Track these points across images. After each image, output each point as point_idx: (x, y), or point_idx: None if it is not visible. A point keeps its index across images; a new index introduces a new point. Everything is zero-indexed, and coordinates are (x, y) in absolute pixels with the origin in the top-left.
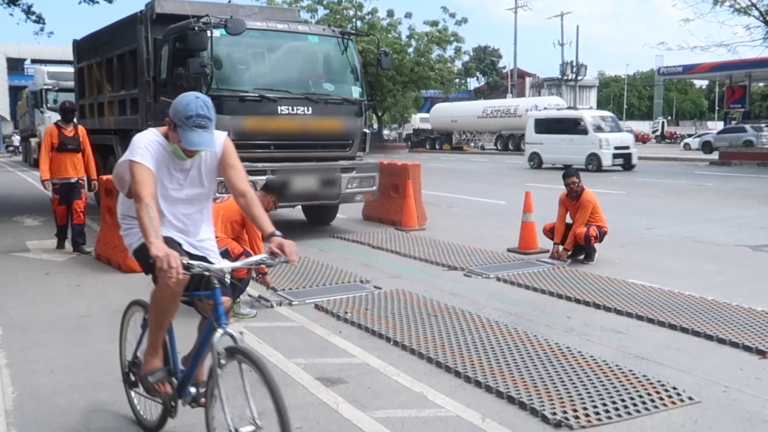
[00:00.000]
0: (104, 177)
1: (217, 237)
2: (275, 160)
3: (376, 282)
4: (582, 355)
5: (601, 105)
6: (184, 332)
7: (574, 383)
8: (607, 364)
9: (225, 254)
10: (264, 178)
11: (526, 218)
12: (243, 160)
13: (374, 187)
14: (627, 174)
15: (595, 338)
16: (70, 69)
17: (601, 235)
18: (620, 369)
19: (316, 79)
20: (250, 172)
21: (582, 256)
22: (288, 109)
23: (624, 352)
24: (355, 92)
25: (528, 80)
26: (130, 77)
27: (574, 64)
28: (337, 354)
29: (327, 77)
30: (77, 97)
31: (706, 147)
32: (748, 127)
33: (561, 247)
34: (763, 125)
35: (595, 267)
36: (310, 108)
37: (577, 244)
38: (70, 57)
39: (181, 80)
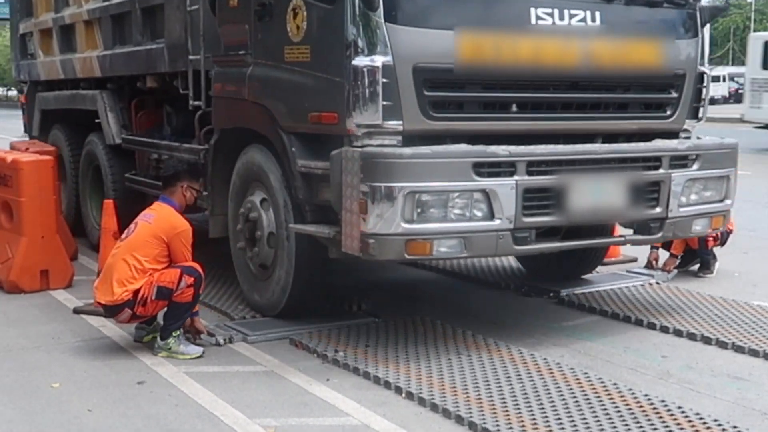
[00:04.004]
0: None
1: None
2: (523, 136)
3: (377, 306)
4: (683, 413)
5: (717, 43)
6: None
7: None
8: (720, 426)
9: (166, 293)
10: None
11: None
12: (448, 136)
13: (727, 201)
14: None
15: (703, 387)
16: None
17: (723, 237)
18: None
19: None
20: (480, 170)
21: (695, 266)
22: (552, 16)
23: (745, 408)
24: None
25: None
26: None
27: None
28: (322, 412)
29: None
30: (14, 17)
31: None
32: None
33: (660, 253)
34: None
35: (705, 283)
36: (597, 14)
37: (689, 248)
38: None
39: None
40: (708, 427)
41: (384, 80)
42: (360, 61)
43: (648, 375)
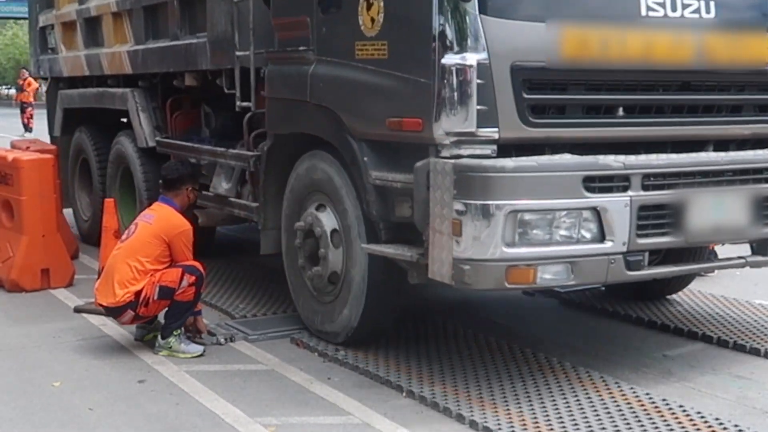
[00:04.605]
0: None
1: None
2: (624, 145)
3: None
4: (685, 412)
5: None
6: None
7: None
8: (722, 425)
9: (168, 292)
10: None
11: None
12: (548, 144)
13: None
14: None
15: (705, 386)
16: None
17: None
18: None
19: None
20: (591, 185)
21: None
22: (664, 7)
23: (746, 406)
24: None
25: None
26: None
27: None
28: (323, 410)
29: None
30: (33, 8)
31: None
32: None
33: None
34: None
35: (706, 281)
36: (711, 4)
37: None
38: None
39: None
40: (709, 426)
41: (479, 81)
42: (450, 59)
43: (649, 374)
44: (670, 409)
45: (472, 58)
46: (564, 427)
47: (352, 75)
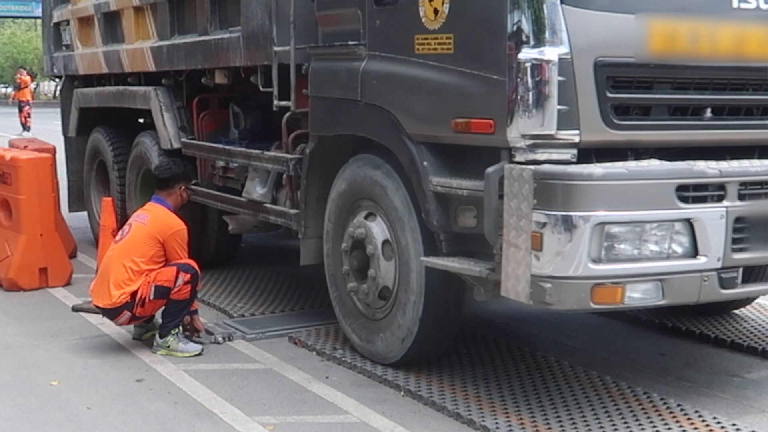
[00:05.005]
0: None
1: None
2: (711, 149)
3: None
4: (683, 411)
5: None
6: None
7: None
8: (719, 424)
9: (164, 291)
10: None
11: None
12: (630, 148)
13: None
14: None
15: (702, 385)
16: None
17: None
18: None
19: None
20: (684, 194)
21: None
22: None
23: (743, 405)
24: None
25: None
26: None
27: None
28: (321, 409)
29: None
30: (46, 3)
31: None
32: None
33: None
34: None
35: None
36: None
37: None
38: None
39: None
40: (707, 425)
41: (559, 78)
42: (527, 53)
43: (647, 373)
44: (668, 408)
45: (551, 53)
46: (562, 426)
47: (411, 71)
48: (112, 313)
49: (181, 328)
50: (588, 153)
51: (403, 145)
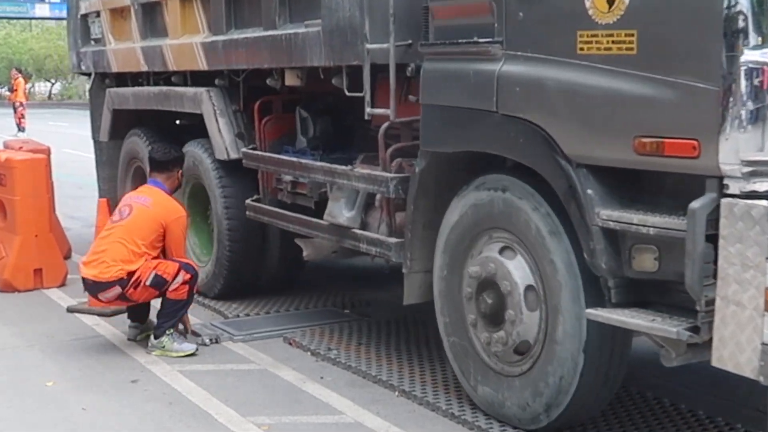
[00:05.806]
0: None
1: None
2: None
3: (370, 304)
4: (678, 411)
5: None
6: None
7: None
8: (713, 424)
9: (161, 283)
10: None
11: None
12: None
13: None
14: None
15: (698, 385)
16: None
17: None
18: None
19: None
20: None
21: None
22: None
23: (741, 404)
24: None
25: None
26: None
27: None
28: (316, 410)
29: None
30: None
31: None
32: None
33: None
34: None
35: None
36: None
37: None
38: None
39: None
40: (702, 425)
41: None
42: (750, 56)
43: (642, 372)
44: (663, 408)
45: None
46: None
47: (573, 77)
48: (100, 287)
49: (173, 329)
50: None
51: (559, 168)
